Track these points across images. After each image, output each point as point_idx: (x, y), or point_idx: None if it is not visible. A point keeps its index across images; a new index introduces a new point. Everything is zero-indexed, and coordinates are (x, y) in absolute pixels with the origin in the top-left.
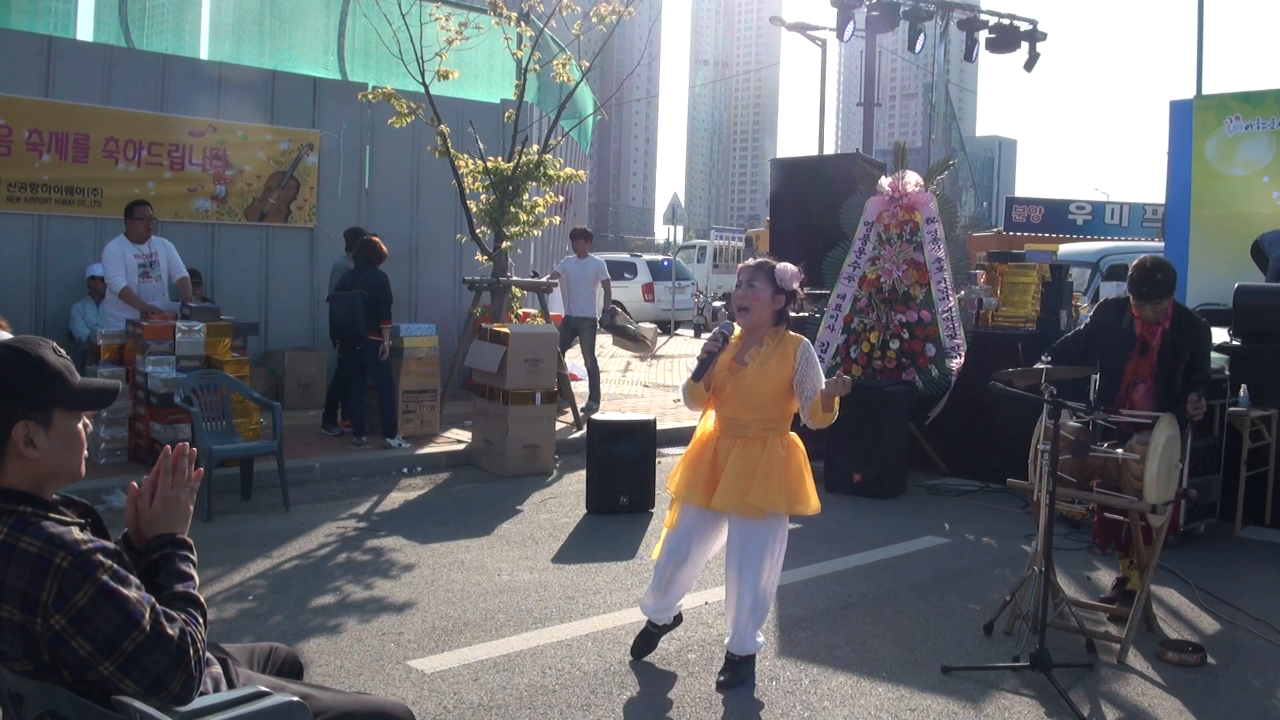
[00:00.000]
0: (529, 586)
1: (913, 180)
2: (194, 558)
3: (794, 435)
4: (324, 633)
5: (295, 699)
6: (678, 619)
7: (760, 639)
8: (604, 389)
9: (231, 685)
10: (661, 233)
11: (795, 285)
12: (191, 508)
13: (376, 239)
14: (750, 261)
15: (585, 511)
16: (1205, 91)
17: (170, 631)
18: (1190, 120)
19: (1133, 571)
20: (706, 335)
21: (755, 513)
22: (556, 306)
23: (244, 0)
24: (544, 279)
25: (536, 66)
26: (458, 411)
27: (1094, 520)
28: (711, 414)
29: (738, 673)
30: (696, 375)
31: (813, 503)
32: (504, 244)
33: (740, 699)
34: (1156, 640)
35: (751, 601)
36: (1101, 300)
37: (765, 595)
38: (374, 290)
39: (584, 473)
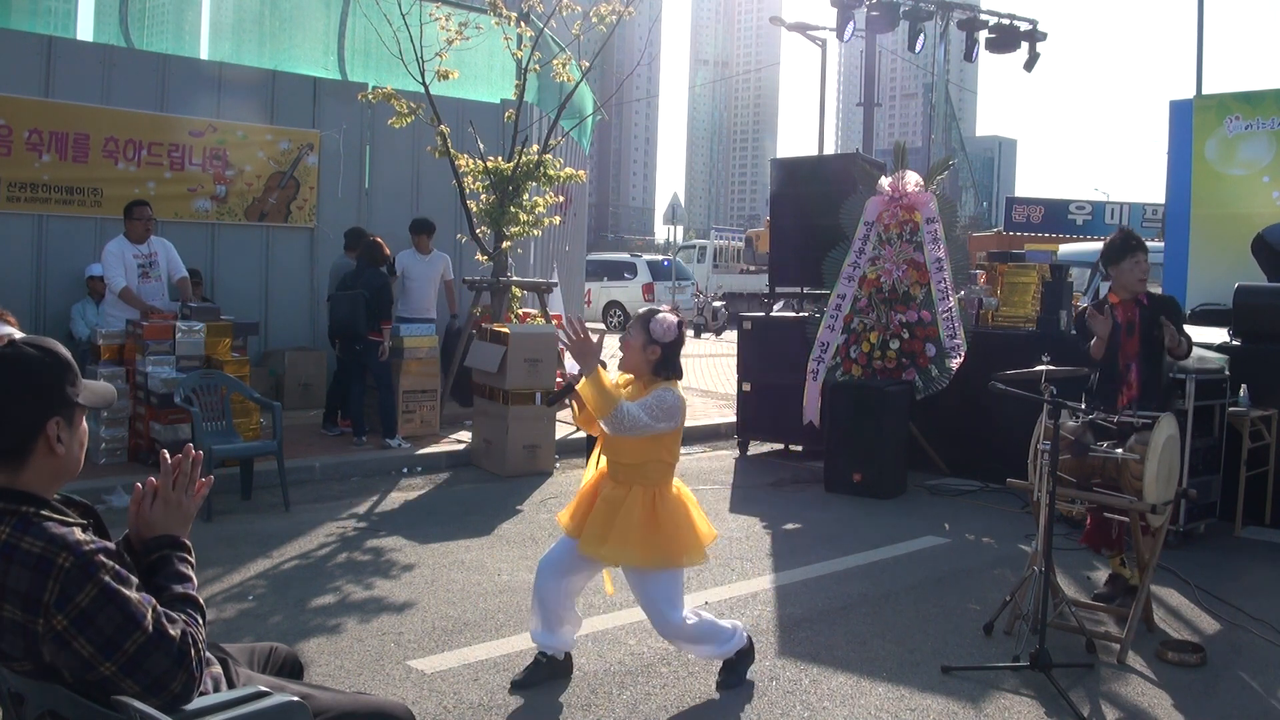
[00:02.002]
0: (529, 586)
1: (913, 180)
2: (192, 560)
3: (676, 485)
4: (324, 633)
5: (295, 699)
6: (568, 660)
7: (735, 637)
8: None
9: (231, 685)
10: (661, 233)
11: (670, 338)
12: (194, 512)
13: (380, 240)
14: (643, 309)
15: None
16: (1205, 91)
17: (172, 632)
18: (1190, 120)
19: (1124, 570)
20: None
21: (611, 563)
22: (556, 306)
23: (244, 0)
24: (545, 280)
25: (536, 66)
26: (458, 411)
27: (1087, 523)
28: None
29: (733, 672)
30: (548, 401)
31: (683, 558)
32: (504, 244)
33: (740, 699)
34: (1156, 640)
35: (685, 639)
36: (1078, 312)
37: (692, 630)
38: (375, 290)
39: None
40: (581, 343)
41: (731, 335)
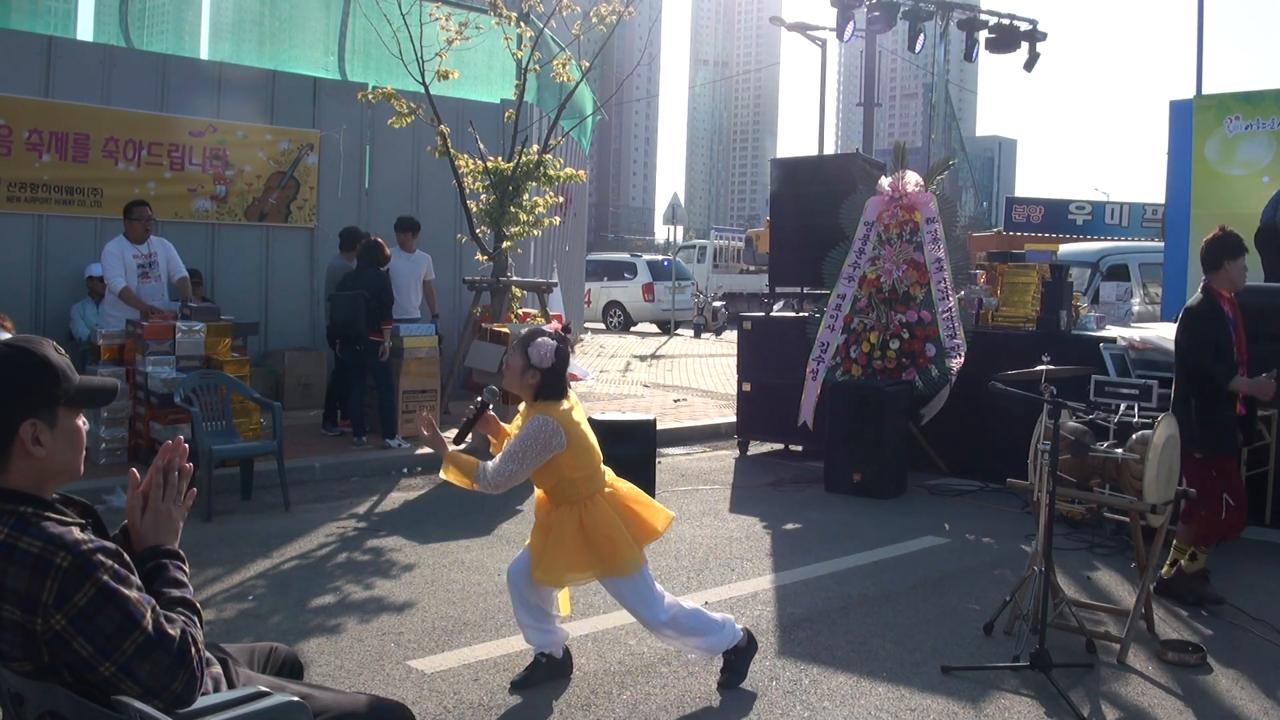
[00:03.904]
0: None
1: (913, 180)
2: (185, 567)
3: (609, 488)
4: (324, 633)
5: (295, 699)
6: (568, 659)
7: (726, 630)
8: (604, 389)
9: (231, 685)
10: (661, 233)
11: (547, 364)
12: (181, 521)
13: (380, 240)
14: (526, 330)
15: None
16: (1205, 91)
17: (171, 632)
18: (1190, 120)
19: (1186, 560)
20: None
21: (558, 585)
22: (556, 306)
23: (244, 0)
24: (545, 280)
25: (536, 66)
26: (457, 411)
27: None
28: None
29: (734, 671)
30: (456, 439)
31: (620, 566)
32: (504, 244)
33: (740, 699)
34: (1156, 640)
35: (670, 632)
36: (1193, 313)
37: (674, 618)
38: (376, 291)
39: None
40: (429, 439)
41: (731, 335)
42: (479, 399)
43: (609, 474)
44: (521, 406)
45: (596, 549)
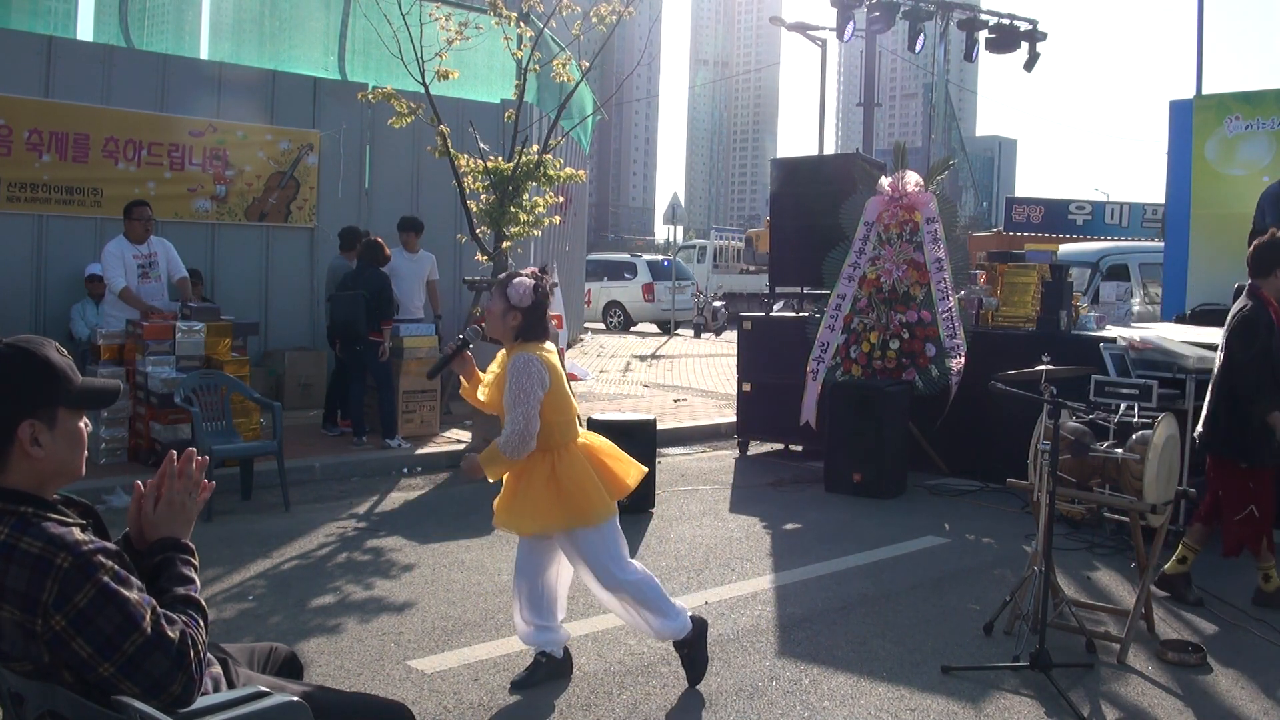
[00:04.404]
0: None
1: (913, 180)
2: (195, 562)
3: (583, 438)
4: (324, 633)
5: (295, 699)
6: (568, 659)
7: (682, 621)
8: (604, 389)
9: (231, 685)
10: (661, 233)
11: (527, 302)
12: (195, 514)
13: (380, 240)
14: (504, 275)
15: None
16: (1205, 91)
17: (171, 633)
18: (1190, 120)
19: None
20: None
21: (523, 533)
22: (557, 307)
23: (244, 0)
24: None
25: (536, 66)
26: (458, 411)
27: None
28: None
29: (691, 662)
30: (429, 373)
31: (590, 516)
32: (504, 244)
33: (740, 699)
34: (1156, 640)
35: (633, 593)
36: (1249, 320)
37: (637, 583)
38: (376, 291)
39: None
40: (468, 468)
41: (731, 335)
42: (459, 337)
43: (582, 429)
44: (500, 354)
45: (567, 497)
